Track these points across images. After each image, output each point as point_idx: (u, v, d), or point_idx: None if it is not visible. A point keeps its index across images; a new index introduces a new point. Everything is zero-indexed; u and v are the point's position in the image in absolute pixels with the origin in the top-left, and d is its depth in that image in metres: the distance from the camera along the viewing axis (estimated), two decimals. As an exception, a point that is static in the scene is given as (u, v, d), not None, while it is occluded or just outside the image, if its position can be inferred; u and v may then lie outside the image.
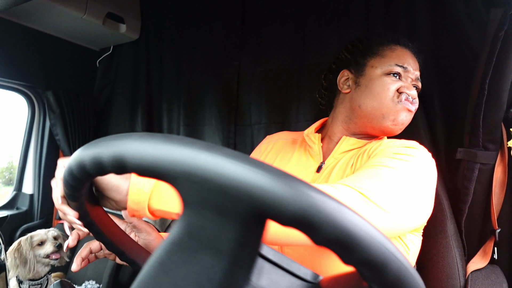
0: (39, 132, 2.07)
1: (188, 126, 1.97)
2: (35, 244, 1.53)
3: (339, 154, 0.90)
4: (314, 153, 0.93)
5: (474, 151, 1.09)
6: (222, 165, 0.28)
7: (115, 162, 0.33)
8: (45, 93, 1.94)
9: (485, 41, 1.03)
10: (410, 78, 0.89)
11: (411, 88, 0.87)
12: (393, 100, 0.86)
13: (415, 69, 0.90)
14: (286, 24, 1.71)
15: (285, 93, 1.71)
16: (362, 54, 0.94)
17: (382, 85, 0.87)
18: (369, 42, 0.96)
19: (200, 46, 1.93)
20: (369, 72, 0.90)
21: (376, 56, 0.91)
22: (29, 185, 2.08)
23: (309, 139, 0.95)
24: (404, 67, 0.88)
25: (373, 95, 0.87)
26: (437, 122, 1.30)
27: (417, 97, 0.91)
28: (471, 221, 1.14)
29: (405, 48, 0.92)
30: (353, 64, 0.95)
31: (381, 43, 0.93)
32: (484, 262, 1.10)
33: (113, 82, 2.22)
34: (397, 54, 0.90)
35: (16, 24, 1.72)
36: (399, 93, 0.86)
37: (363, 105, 0.89)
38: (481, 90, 1.04)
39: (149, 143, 0.31)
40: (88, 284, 1.75)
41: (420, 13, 1.36)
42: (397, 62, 0.88)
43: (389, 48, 0.91)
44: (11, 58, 1.75)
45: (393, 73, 0.87)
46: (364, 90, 0.89)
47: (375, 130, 0.90)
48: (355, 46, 0.98)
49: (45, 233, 1.58)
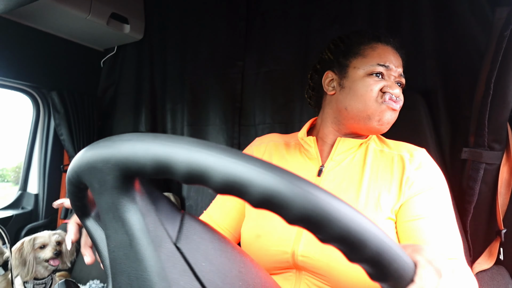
0: (44, 132, 2.08)
1: (192, 126, 1.97)
2: (37, 246, 1.53)
3: (337, 156, 0.90)
4: (312, 156, 0.92)
5: (479, 151, 1.08)
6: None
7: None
8: (49, 93, 1.95)
9: (491, 40, 1.03)
10: (393, 76, 0.88)
11: (394, 87, 0.86)
12: (377, 101, 0.85)
13: (397, 66, 0.89)
14: (290, 24, 1.71)
15: (289, 93, 1.71)
16: (344, 54, 0.93)
17: (365, 86, 0.86)
18: (350, 41, 0.94)
19: (204, 46, 1.93)
20: (352, 74, 0.90)
21: (357, 56, 0.90)
22: (34, 185, 2.09)
23: (305, 142, 0.95)
24: (386, 66, 0.87)
25: (357, 97, 0.87)
26: (442, 122, 1.30)
27: (402, 94, 0.90)
28: (476, 222, 1.13)
29: (386, 45, 0.91)
30: (336, 65, 0.94)
31: (362, 42, 0.92)
32: (490, 263, 1.10)
33: (117, 82, 2.23)
34: (378, 52, 0.89)
35: (21, 25, 1.73)
36: (382, 93, 0.86)
37: (348, 107, 0.88)
38: (486, 90, 1.03)
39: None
40: (92, 284, 1.75)
41: (424, 12, 1.36)
42: (378, 62, 0.87)
43: (370, 47, 0.90)
44: (16, 59, 1.76)
45: (375, 73, 0.87)
46: (348, 92, 0.89)
47: (363, 130, 0.90)
48: (337, 46, 0.97)
49: (49, 237, 1.58)
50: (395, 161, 0.86)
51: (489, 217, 1.14)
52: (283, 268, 0.82)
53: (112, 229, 0.35)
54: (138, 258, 0.33)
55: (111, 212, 0.35)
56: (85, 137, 2.07)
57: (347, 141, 0.90)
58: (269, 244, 0.81)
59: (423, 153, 0.87)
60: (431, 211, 0.78)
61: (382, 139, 0.94)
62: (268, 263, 0.82)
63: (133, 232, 0.34)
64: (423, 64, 1.35)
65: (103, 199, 0.35)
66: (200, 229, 0.40)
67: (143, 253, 0.33)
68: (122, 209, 0.34)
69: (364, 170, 0.86)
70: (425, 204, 0.79)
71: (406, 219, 0.79)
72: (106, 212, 0.35)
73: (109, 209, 0.35)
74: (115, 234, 0.35)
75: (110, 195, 0.34)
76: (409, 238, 0.78)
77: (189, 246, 0.37)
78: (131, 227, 0.34)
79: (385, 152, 0.89)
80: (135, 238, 0.34)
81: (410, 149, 0.87)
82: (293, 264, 0.80)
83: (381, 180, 0.83)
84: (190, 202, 1.95)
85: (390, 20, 1.44)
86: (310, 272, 0.79)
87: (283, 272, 0.83)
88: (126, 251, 0.34)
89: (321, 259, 0.75)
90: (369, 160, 0.87)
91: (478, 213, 1.12)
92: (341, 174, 0.87)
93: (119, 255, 0.35)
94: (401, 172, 0.83)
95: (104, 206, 0.35)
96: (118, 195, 0.34)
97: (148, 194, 0.37)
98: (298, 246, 0.78)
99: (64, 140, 2.00)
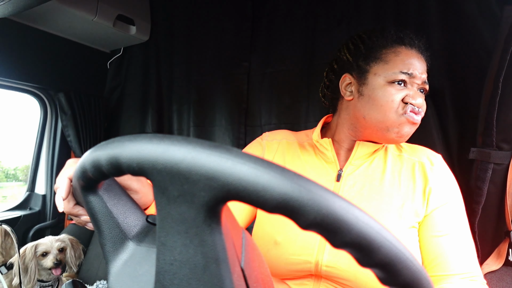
0: (51, 133, 2.10)
1: (198, 127, 1.97)
2: (39, 254, 1.53)
3: (356, 160, 0.87)
4: (329, 160, 0.89)
5: (487, 151, 1.07)
6: (184, 155, 0.30)
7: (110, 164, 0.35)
8: (57, 94, 1.97)
9: (499, 39, 1.02)
10: (416, 83, 0.83)
11: (417, 97, 0.81)
12: (397, 112, 0.80)
13: (421, 73, 0.83)
14: (296, 24, 1.70)
15: (295, 93, 1.71)
16: (364, 58, 0.87)
17: (386, 96, 0.81)
18: (371, 43, 0.88)
19: (210, 47, 1.94)
20: (372, 81, 0.84)
21: (379, 62, 0.84)
22: (42, 185, 2.11)
23: (321, 145, 0.91)
24: (409, 74, 0.81)
25: (377, 107, 0.82)
26: (450, 122, 1.29)
27: (425, 101, 0.85)
28: (484, 222, 1.12)
29: (411, 48, 0.84)
30: (355, 69, 0.89)
31: (384, 45, 0.85)
32: (499, 264, 1.09)
33: (124, 84, 2.24)
34: (402, 58, 0.82)
35: (28, 27, 1.75)
36: (404, 103, 0.81)
37: (367, 116, 0.84)
38: (494, 89, 1.02)
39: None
40: (99, 284, 1.76)
41: (431, 11, 1.34)
42: (401, 69, 0.81)
43: (393, 52, 0.84)
44: (24, 61, 1.78)
45: (397, 81, 0.81)
46: (368, 101, 0.84)
47: (380, 139, 0.86)
48: (357, 47, 0.90)
49: (51, 244, 1.58)
50: (416, 169, 0.85)
51: (497, 217, 1.12)
52: (301, 276, 0.80)
53: (179, 243, 0.33)
54: (213, 283, 0.32)
55: (184, 225, 0.32)
56: (92, 138, 2.09)
57: (366, 145, 0.88)
58: (289, 252, 0.79)
59: (441, 162, 0.87)
60: (453, 227, 0.81)
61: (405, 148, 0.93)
62: (286, 271, 0.81)
63: (215, 256, 0.32)
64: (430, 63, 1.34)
65: (179, 210, 0.32)
66: (254, 248, 0.39)
67: (220, 278, 0.32)
68: (207, 230, 0.32)
69: (385, 176, 0.84)
70: (447, 218, 0.81)
71: (429, 234, 0.81)
72: (176, 223, 0.33)
73: (182, 222, 0.32)
74: (182, 249, 0.33)
75: (195, 211, 0.32)
76: (431, 253, 0.81)
77: (250, 268, 0.36)
78: (214, 250, 0.32)
79: (404, 157, 0.88)
80: (216, 262, 0.32)
81: (429, 156, 0.87)
82: (314, 273, 0.78)
83: (404, 188, 0.82)
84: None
85: (397, 20, 1.43)
86: (332, 281, 0.77)
87: (300, 278, 0.81)
88: (196, 271, 0.33)
89: (348, 269, 0.74)
90: (389, 166, 0.86)
91: (486, 214, 1.11)
92: (361, 180, 0.85)
93: (182, 273, 0.33)
94: (423, 182, 0.83)
95: (177, 217, 0.32)
96: (207, 214, 0.31)
97: (226, 216, 0.35)
98: (323, 256, 0.76)
99: (71, 141, 2.02)
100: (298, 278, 0.81)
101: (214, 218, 0.32)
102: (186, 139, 0.31)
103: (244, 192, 0.29)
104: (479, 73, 1.19)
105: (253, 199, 0.29)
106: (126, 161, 0.33)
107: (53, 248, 1.56)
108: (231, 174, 0.29)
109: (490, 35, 1.19)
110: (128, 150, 0.33)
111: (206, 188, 0.30)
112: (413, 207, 0.80)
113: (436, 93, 1.30)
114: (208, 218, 0.32)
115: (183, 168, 0.30)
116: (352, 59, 0.90)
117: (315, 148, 0.94)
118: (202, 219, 0.31)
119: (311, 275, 0.79)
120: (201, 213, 0.31)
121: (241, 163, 0.29)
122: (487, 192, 1.09)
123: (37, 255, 1.53)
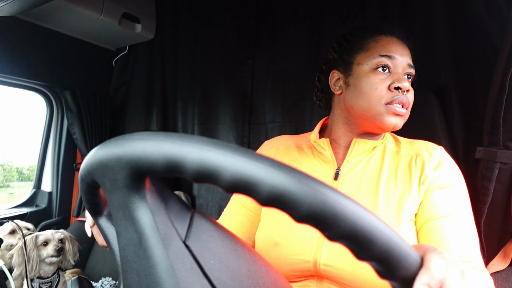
0: (57, 131, 2.11)
1: (203, 125, 1.98)
2: (40, 243, 1.55)
3: (354, 158, 0.87)
4: (327, 159, 0.90)
5: (494, 150, 1.06)
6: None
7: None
8: (63, 92, 1.98)
9: (506, 37, 1.01)
10: (401, 66, 0.83)
11: (402, 80, 0.81)
12: (380, 102, 0.81)
13: (404, 55, 0.84)
14: (301, 22, 1.70)
15: (299, 91, 1.71)
16: (347, 52, 0.90)
17: (370, 83, 0.82)
18: (353, 37, 0.91)
19: (215, 45, 1.94)
20: (356, 71, 0.86)
21: (361, 52, 0.86)
22: (48, 183, 2.13)
23: (318, 145, 0.92)
24: (389, 56, 0.82)
25: (362, 95, 0.83)
26: (456, 121, 1.28)
27: (411, 87, 0.85)
28: (490, 222, 1.11)
29: (391, 36, 0.86)
30: (340, 64, 0.91)
31: (365, 36, 0.88)
32: (504, 264, 1.08)
33: (129, 81, 2.25)
34: (382, 44, 0.84)
35: (35, 25, 1.76)
36: (391, 92, 0.81)
37: (354, 105, 0.85)
38: (501, 88, 1.01)
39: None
40: (105, 281, 1.78)
41: (437, 9, 1.33)
42: (381, 52, 0.83)
43: (373, 40, 0.86)
44: (30, 59, 1.79)
45: (381, 67, 0.82)
46: (354, 90, 0.86)
47: (373, 129, 0.86)
48: (340, 44, 0.93)
49: (52, 234, 1.60)
50: (413, 162, 0.83)
51: (503, 217, 1.12)
52: (303, 277, 0.80)
53: (123, 227, 0.36)
54: (147, 256, 0.34)
55: (121, 210, 0.35)
56: (97, 136, 2.10)
57: (363, 142, 0.88)
58: (288, 252, 0.79)
59: (441, 152, 0.85)
60: (450, 209, 0.77)
61: (398, 139, 0.92)
62: (287, 272, 0.80)
63: (143, 230, 0.34)
64: (436, 61, 1.33)
65: (114, 198, 0.35)
66: (210, 227, 0.40)
67: (152, 250, 0.34)
68: (133, 207, 0.35)
69: (382, 173, 0.84)
70: (443, 202, 0.78)
71: (424, 219, 0.78)
72: (117, 210, 0.36)
73: (120, 207, 0.35)
74: (125, 232, 0.36)
75: (121, 193, 0.34)
76: (428, 239, 0.77)
77: (198, 244, 0.37)
78: (141, 225, 0.34)
79: (403, 153, 0.87)
80: (144, 236, 0.34)
81: (428, 148, 0.85)
82: (314, 273, 0.78)
83: (401, 182, 0.82)
84: (201, 201, 1.96)
85: (403, 17, 1.43)
86: (332, 281, 0.77)
87: (302, 280, 0.81)
88: (135, 249, 0.35)
89: (346, 268, 0.74)
90: (386, 162, 0.86)
91: (493, 214, 1.10)
92: (358, 177, 0.85)
93: (129, 253, 0.36)
94: (420, 172, 0.81)
95: (115, 204, 0.36)
96: (129, 193, 0.34)
97: (158, 192, 0.37)
98: (320, 255, 0.76)
99: (77, 138, 2.03)
100: (301, 280, 0.81)
101: (137, 196, 0.34)
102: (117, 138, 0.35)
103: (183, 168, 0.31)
104: (486, 71, 1.18)
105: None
106: (82, 171, 0.37)
107: (54, 238, 1.58)
108: (135, 152, 0.32)
109: (497, 34, 1.17)
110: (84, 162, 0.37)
111: (121, 170, 0.33)
112: (410, 200, 0.79)
113: (442, 91, 1.29)
114: (132, 197, 0.34)
115: (105, 160, 0.34)
116: (337, 56, 0.93)
117: (313, 148, 0.94)
118: (128, 199, 0.34)
119: (313, 276, 0.79)
120: (126, 194, 0.34)
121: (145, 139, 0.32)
122: (493, 191, 1.08)
123: (37, 244, 1.54)
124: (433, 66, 1.33)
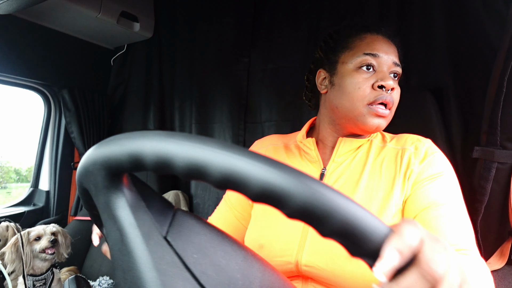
0: (55, 130, 2.11)
1: (200, 124, 1.97)
2: (32, 239, 1.54)
3: (339, 158, 0.87)
4: (313, 159, 0.89)
5: (491, 150, 1.06)
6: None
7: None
8: (60, 91, 1.98)
9: (504, 37, 1.01)
10: (386, 65, 0.82)
11: (386, 78, 0.79)
12: (363, 102, 0.80)
13: (389, 53, 0.82)
14: (298, 21, 1.69)
15: (296, 90, 1.70)
16: (333, 50, 0.89)
17: (353, 83, 0.81)
18: (338, 36, 0.90)
19: (212, 44, 1.93)
20: (341, 70, 0.85)
21: (345, 50, 0.85)
22: (45, 182, 2.12)
23: (304, 145, 0.91)
24: (374, 54, 0.81)
25: (346, 95, 0.82)
26: (453, 120, 1.28)
27: (398, 86, 0.84)
28: (487, 221, 1.12)
29: (376, 34, 0.85)
30: (326, 63, 0.90)
31: (350, 34, 0.87)
32: (501, 263, 1.08)
33: (127, 80, 2.24)
34: (367, 42, 0.83)
35: (32, 23, 1.76)
36: (375, 91, 0.80)
37: (339, 105, 0.84)
38: (499, 87, 1.01)
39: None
40: (102, 280, 1.77)
41: (435, 8, 1.33)
42: (365, 51, 0.81)
43: (358, 38, 0.84)
44: (28, 57, 1.78)
45: (365, 66, 0.81)
46: (338, 89, 0.84)
47: (357, 130, 0.85)
48: (326, 42, 0.92)
49: (43, 229, 1.59)
50: (399, 156, 0.82)
51: (500, 217, 1.12)
52: (288, 277, 0.80)
53: (109, 227, 0.37)
54: (128, 252, 0.35)
55: (105, 211, 0.37)
56: (95, 134, 2.10)
57: (349, 141, 0.87)
58: (272, 254, 0.79)
59: (427, 143, 0.83)
60: (442, 198, 0.74)
61: (385, 135, 0.91)
62: None
63: (123, 227, 0.35)
64: (434, 61, 1.33)
65: (99, 200, 0.37)
66: (193, 223, 0.41)
67: (133, 246, 0.35)
68: (113, 207, 0.36)
69: (365, 169, 0.83)
70: (434, 192, 0.76)
71: (416, 211, 0.75)
72: (102, 212, 0.37)
73: (104, 209, 0.37)
74: (110, 232, 0.37)
75: (102, 195, 0.36)
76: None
77: (179, 239, 0.38)
78: (121, 222, 0.36)
79: (388, 147, 0.86)
80: (125, 232, 0.35)
81: (414, 141, 0.84)
82: (297, 273, 0.78)
83: (384, 178, 0.81)
84: (197, 200, 1.96)
85: (401, 17, 1.42)
86: (316, 281, 0.77)
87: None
88: (119, 246, 0.36)
89: (325, 268, 0.74)
90: (371, 158, 0.85)
91: (490, 213, 1.11)
92: (343, 176, 0.84)
93: (115, 251, 0.37)
94: (406, 167, 0.80)
95: (101, 207, 0.37)
96: (109, 193, 0.36)
97: (138, 190, 0.39)
98: (302, 256, 0.76)
99: (74, 137, 2.03)
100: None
101: (116, 195, 0.36)
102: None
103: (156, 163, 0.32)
104: (483, 71, 1.18)
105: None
106: (76, 181, 0.39)
107: (46, 232, 1.58)
108: (106, 153, 0.34)
109: (495, 33, 1.17)
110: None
111: (98, 172, 0.35)
112: (394, 194, 0.78)
113: (440, 91, 1.29)
114: (111, 196, 0.36)
115: (87, 165, 0.35)
116: (323, 55, 0.93)
117: (300, 149, 0.94)
118: (109, 199, 0.36)
119: (298, 276, 0.79)
120: (106, 194, 0.36)
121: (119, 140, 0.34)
122: (491, 191, 1.08)
123: (30, 240, 1.53)
124: (431, 66, 1.33)
